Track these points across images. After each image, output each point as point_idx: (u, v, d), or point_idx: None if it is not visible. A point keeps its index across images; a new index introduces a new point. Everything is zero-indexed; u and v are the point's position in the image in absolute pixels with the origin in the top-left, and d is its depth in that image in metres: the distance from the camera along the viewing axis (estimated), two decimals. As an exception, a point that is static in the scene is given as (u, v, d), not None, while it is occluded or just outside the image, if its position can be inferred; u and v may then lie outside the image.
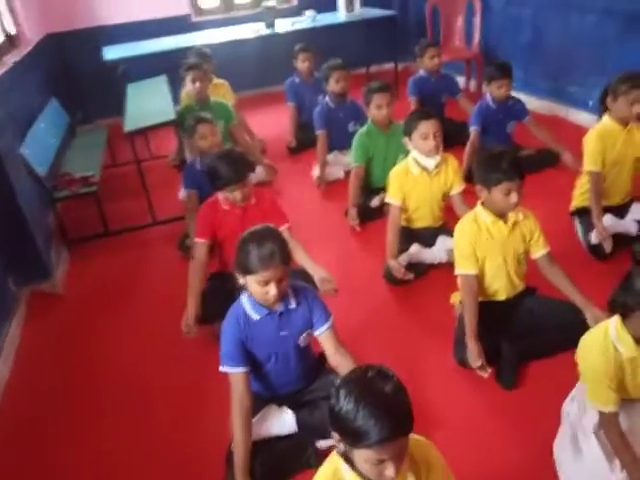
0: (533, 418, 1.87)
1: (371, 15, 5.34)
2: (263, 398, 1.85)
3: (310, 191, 3.78)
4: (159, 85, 4.02)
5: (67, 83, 5.33)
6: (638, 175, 2.78)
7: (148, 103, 3.69)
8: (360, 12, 5.25)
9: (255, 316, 1.73)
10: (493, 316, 2.14)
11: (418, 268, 2.68)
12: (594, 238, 2.60)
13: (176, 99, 4.19)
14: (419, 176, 2.67)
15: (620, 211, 2.76)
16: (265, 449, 1.74)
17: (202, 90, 3.75)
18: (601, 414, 1.55)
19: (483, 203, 2.13)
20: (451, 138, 3.26)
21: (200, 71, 3.75)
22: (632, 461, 1.46)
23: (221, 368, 1.73)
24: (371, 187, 3.35)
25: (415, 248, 2.71)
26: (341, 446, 1.12)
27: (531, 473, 1.70)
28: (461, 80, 5.41)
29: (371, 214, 3.23)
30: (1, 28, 4.31)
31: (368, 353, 2.20)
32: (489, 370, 1.99)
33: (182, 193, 3.67)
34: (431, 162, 2.65)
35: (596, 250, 2.61)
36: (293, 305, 1.76)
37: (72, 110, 4.60)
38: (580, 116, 4.36)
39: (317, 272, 2.35)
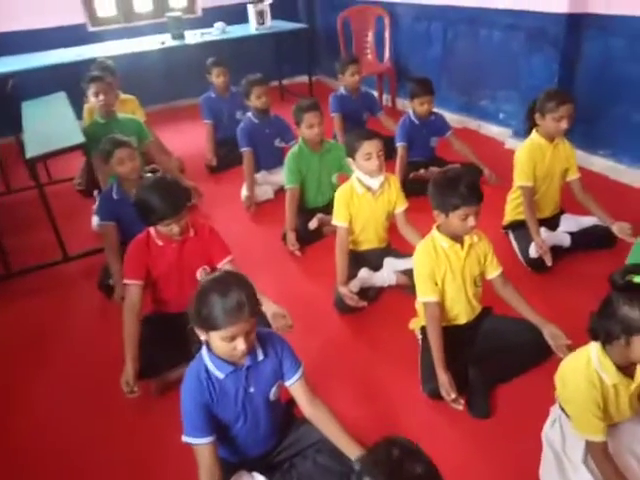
0: (512, 445, 1.82)
1: (282, 28, 5.24)
2: (231, 464, 1.63)
3: (239, 214, 3.56)
4: (59, 102, 3.60)
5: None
6: (565, 188, 2.90)
7: (49, 123, 3.27)
8: (271, 25, 5.12)
9: (219, 374, 1.51)
10: (456, 341, 2.09)
11: (369, 293, 2.59)
12: (533, 252, 2.67)
13: (77, 116, 3.78)
14: (364, 196, 2.59)
15: (551, 223, 2.86)
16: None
17: (107, 103, 3.41)
18: (591, 444, 1.53)
19: (439, 227, 2.08)
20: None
21: (104, 83, 3.41)
22: None
23: (184, 438, 1.50)
24: (307, 208, 3.22)
25: (365, 273, 2.62)
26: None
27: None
28: (374, 95, 5.48)
29: (310, 237, 3.10)
30: None
31: (333, 391, 2.06)
32: (462, 402, 1.92)
33: (95, 221, 3.31)
34: (375, 182, 2.58)
35: (535, 263, 2.68)
36: (261, 357, 1.57)
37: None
38: (491, 129, 4.56)
39: (269, 307, 2.15)
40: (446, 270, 2.07)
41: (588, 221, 2.84)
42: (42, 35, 5.02)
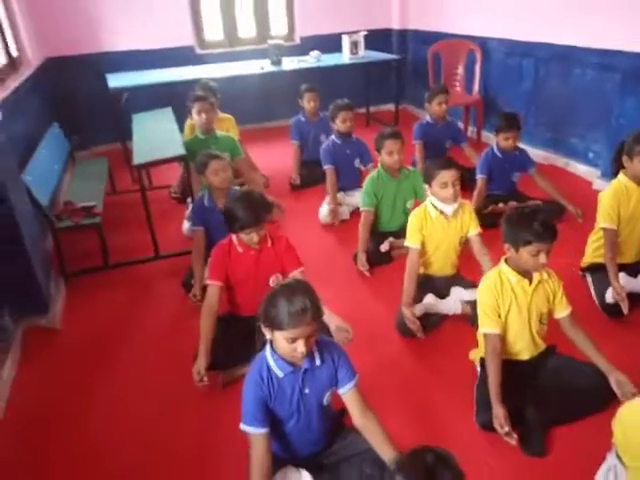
0: (561, 486, 1.80)
1: (373, 58, 5.43)
2: (281, 459, 1.74)
3: (316, 231, 3.73)
4: (165, 117, 3.97)
5: (66, 108, 5.26)
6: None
7: (156, 135, 3.62)
8: (363, 55, 5.33)
9: (279, 373, 1.64)
10: (516, 377, 2.08)
11: (432, 318, 2.63)
12: (610, 297, 2.59)
13: (179, 130, 4.15)
14: (437, 219, 2.66)
15: (632, 269, 2.75)
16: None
17: (209, 122, 3.73)
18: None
19: (507, 260, 2.10)
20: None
21: (207, 103, 3.73)
22: None
23: (242, 426, 1.63)
24: (380, 231, 3.32)
25: (430, 299, 2.66)
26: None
27: None
28: (460, 126, 5.51)
29: (380, 259, 3.19)
30: (4, 49, 4.25)
31: (385, 409, 2.10)
32: (515, 436, 1.91)
33: (186, 226, 3.61)
34: (449, 208, 2.63)
35: (611, 309, 2.59)
36: (318, 362, 1.68)
37: (70, 135, 4.51)
38: (579, 167, 4.44)
39: (333, 321, 2.29)
40: (511, 304, 2.07)
41: (674, 271, 2.71)
42: (156, 55, 5.54)
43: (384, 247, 3.21)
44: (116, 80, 4.74)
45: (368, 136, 4.01)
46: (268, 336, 1.61)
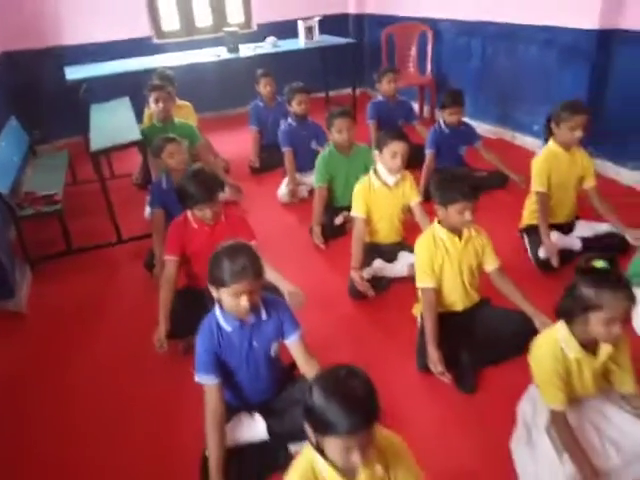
0: (491, 418, 2.00)
1: (329, 42, 5.55)
2: (234, 407, 1.90)
3: (276, 210, 3.88)
4: (122, 106, 4.06)
5: (26, 102, 5.26)
6: (581, 195, 3.02)
7: (113, 123, 3.71)
8: (318, 39, 5.45)
9: (227, 327, 1.79)
10: (452, 326, 2.28)
11: (381, 282, 2.81)
12: (542, 253, 2.80)
13: (138, 119, 4.24)
14: (380, 189, 2.83)
15: (566, 228, 2.98)
16: (238, 454, 1.79)
17: (166, 110, 3.82)
18: (552, 412, 1.69)
19: (440, 221, 2.29)
20: (409, 160, 3.44)
21: (164, 92, 3.82)
22: (581, 456, 1.60)
23: (196, 378, 1.79)
24: (334, 206, 3.48)
25: (378, 263, 2.84)
26: (313, 437, 1.21)
27: (490, 469, 1.81)
28: (415, 106, 5.69)
29: (335, 232, 3.36)
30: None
31: (333, 359, 2.28)
32: (449, 375, 2.11)
33: (147, 211, 3.71)
34: (392, 178, 2.81)
35: (544, 264, 2.81)
36: (264, 317, 1.83)
37: (31, 129, 4.54)
38: (525, 140, 4.67)
39: (285, 286, 2.43)
40: (444, 259, 2.27)
41: (602, 228, 2.95)
42: (114, 46, 5.57)
43: (338, 220, 3.38)
44: (74, 72, 4.78)
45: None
46: (215, 294, 1.75)
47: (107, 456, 2.01)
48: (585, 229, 2.95)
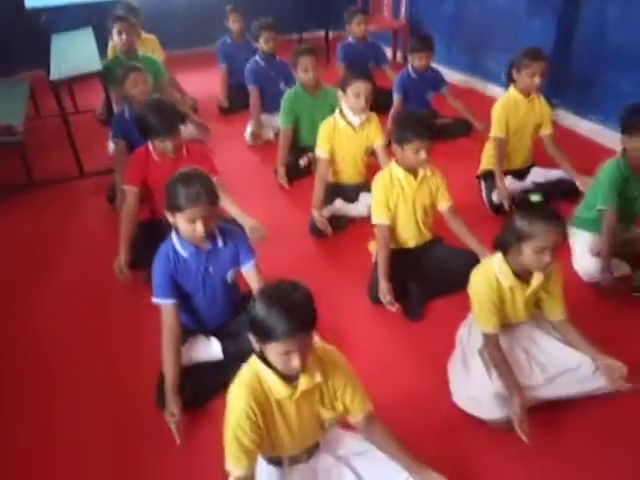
0: (434, 344, 2.14)
1: (303, -20, 5.41)
2: (192, 330, 2.00)
3: (242, 151, 3.89)
4: (85, 37, 3.93)
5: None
6: (537, 142, 3.11)
7: (74, 54, 3.61)
8: (292, -24, 5.30)
9: (184, 253, 1.86)
10: (404, 261, 2.40)
11: (341, 221, 2.90)
12: (495, 197, 2.92)
13: (102, 52, 4.12)
14: (344, 129, 2.87)
15: (521, 174, 3.09)
16: (193, 372, 1.90)
17: (129, 42, 3.72)
18: (485, 335, 1.82)
19: (397, 160, 2.36)
20: (378, 104, 3.46)
21: (127, 23, 3.71)
22: (508, 374, 1.75)
23: (153, 299, 1.86)
24: (299, 146, 3.51)
25: (339, 203, 2.92)
26: (257, 346, 1.31)
27: (431, 388, 1.96)
28: (388, 50, 5.64)
29: (299, 172, 3.40)
30: None
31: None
32: (397, 305, 2.24)
33: (111, 147, 3.67)
34: (356, 119, 2.85)
35: (496, 208, 2.93)
36: (220, 244, 1.90)
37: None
38: (495, 90, 4.69)
39: (246, 221, 2.48)
40: (399, 197, 2.35)
41: (555, 174, 3.07)
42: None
43: (303, 162, 3.42)
44: (33, 0, 4.57)
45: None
46: (171, 220, 1.81)
47: (69, 381, 2.09)
48: (539, 175, 3.07)
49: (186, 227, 1.77)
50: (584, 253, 2.43)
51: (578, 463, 1.71)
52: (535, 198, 1.69)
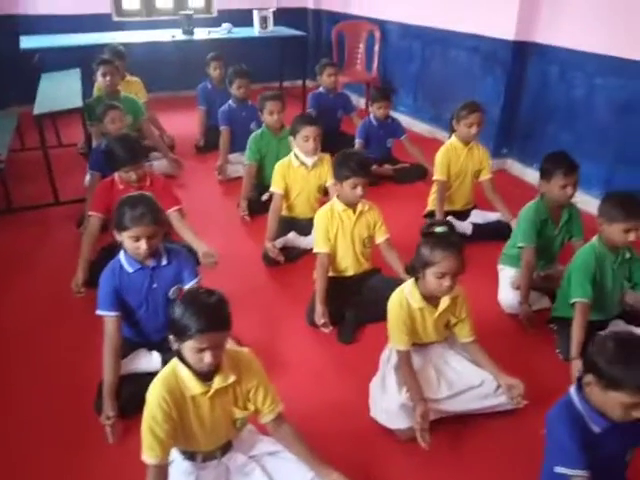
0: (361, 365, 2.31)
1: (283, 34, 5.82)
2: (135, 343, 2.17)
3: (212, 186, 4.15)
4: (72, 77, 4.24)
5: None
6: (477, 186, 3.38)
7: (58, 92, 3.90)
8: (272, 30, 5.71)
9: (129, 269, 2.06)
10: (342, 288, 2.61)
11: (294, 252, 3.11)
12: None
13: (90, 92, 4.43)
14: (299, 169, 3.12)
15: (462, 215, 3.35)
16: (131, 381, 2.05)
17: (112, 84, 4.02)
18: (397, 352, 2.02)
19: (338, 196, 2.60)
20: (342, 148, 3.73)
21: (111, 66, 4.03)
22: (415, 387, 1.93)
23: (97, 312, 2.04)
24: (264, 184, 3.75)
25: (292, 235, 3.15)
26: (175, 345, 1.50)
27: (352, 403, 2.12)
28: (361, 101, 6.03)
29: (261, 207, 3.62)
30: None
31: (238, 316, 2.58)
32: (331, 328, 2.43)
33: (87, 177, 3.91)
34: (309, 160, 3.11)
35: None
36: (165, 262, 2.10)
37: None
38: (455, 140, 5.04)
39: (200, 247, 2.68)
40: (338, 229, 2.58)
41: (493, 216, 3.32)
42: (72, 20, 5.70)
43: (265, 197, 3.65)
44: (29, 42, 4.90)
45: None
46: (118, 238, 2.02)
47: (22, 389, 2.23)
48: (478, 217, 3.33)
49: (131, 245, 1.97)
50: (506, 287, 2.66)
51: (476, 473, 1.87)
52: (440, 229, 1.92)
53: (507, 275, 2.70)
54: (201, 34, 5.52)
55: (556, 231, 2.66)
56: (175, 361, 1.56)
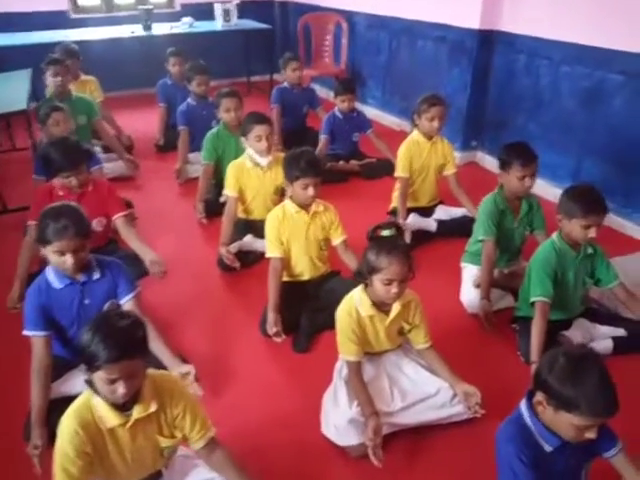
0: (315, 376, 2.19)
1: (247, 27, 5.65)
2: (69, 362, 2.02)
3: (170, 187, 3.98)
4: (21, 78, 4.05)
5: None
6: (441, 182, 3.27)
7: (4, 93, 3.71)
8: (236, 23, 5.54)
9: (57, 284, 1.90)
10: (297, 293, 2.48)
11: (250, 256, 2.97)
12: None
13: (43, 93, 4.23)
14: (253, 170, 2.97)
15: (427, 211, 3.24)
16: (64, 405, 1.90)
17: (62, 85, 3.83)
18: (347, 363, 1.90)
19: (291, 197, 2.47)
20: (308, 145, 3.58)
21: (62, 66, 3.83)
22: (365, 399, 1.82)
23: (23, 332, 1.89)
24: (222, 184, 3.59)
25: (248, 238, 3.01)
26: (86, 375, 1.35)
27: (306, 420, 2.00)
28: (332, 94, 5.87)
29: (219, 209, 3.46)
30: None
31: (188, 326, 2.46)
32: (283, 336, 2.30)
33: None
34: (264, 160, 2.96)
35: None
36: (97, 276, 1.95)
37: None
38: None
39: (147, 255, 2.54)
40: (291, 232, 2.45)
41: (459, 212, 3.21)
42: (28, 18, 5.49)
43: (223, 198, 3.50)
44: (-22, 41, 4.70)
45: (248, 104, 4.20)
46: (42, 252, 1.86)
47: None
48: (443, 213, 3.22)
49: (56, 260, 1.82)
50: (468, 285, 2.55)
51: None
52: (386, 232, 1.80)
53: (470, 274, 2.59)
54: (162, 29, 5.34)
55: (515, 223, 2.56)
56: (88, 391, 1.41)
